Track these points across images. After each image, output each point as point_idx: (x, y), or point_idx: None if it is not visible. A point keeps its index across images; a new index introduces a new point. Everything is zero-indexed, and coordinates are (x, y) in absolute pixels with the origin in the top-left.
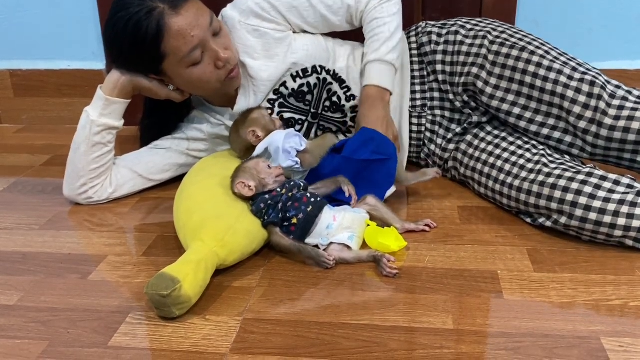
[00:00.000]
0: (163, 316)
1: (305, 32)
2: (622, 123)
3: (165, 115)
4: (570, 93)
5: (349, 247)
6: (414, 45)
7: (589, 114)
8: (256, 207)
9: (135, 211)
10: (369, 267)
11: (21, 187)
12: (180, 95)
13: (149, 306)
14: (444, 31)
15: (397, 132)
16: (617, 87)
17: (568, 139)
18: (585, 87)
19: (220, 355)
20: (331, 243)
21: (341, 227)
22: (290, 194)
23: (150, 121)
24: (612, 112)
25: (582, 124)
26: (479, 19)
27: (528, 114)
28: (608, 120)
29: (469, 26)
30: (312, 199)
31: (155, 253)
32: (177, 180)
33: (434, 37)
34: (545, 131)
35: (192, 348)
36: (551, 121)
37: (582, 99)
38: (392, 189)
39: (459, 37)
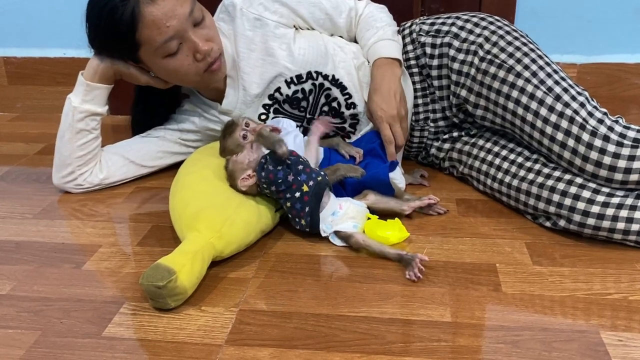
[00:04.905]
0: (158, 307)
1: (308, 29)
2: (603, 173)
3: (156, 102)
4: (549, 130)
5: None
6: (412, 55)
7: (567, 154)
8: (268, 174)
9: (130, 201)
10: (366, 259)
11: (15, 175)
12: (163, 83)
13: (144, 296)
14: (438, 41)
15: (407, 109)
16: (600, 121)
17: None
18: (564, 124)
19: (216, 346)
20: (335, 231)
21: (346, 216)
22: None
23: (140, 108)
24: (593, 155)
25: (564, 164)
26: (476, 20)
27: (515, 142)
28: (590, 167)
29: (463, 34)
30: (317, 173)
31: (150, 243)
32: (172, 170)
33: (428, 50)
34: (536, 157)
35: (187, 339)
36: (536, 154)
37: (560, 136)
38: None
39: (451, 52)
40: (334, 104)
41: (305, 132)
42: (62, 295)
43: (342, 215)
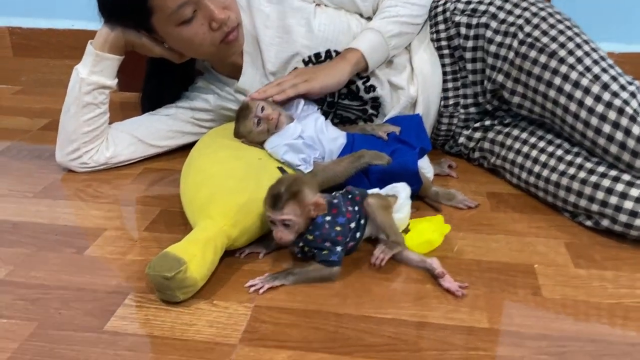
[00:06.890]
0: (165, 300)
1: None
2: None
3: (168, 78)
4: (594, 121)
5: None
6: (444, 35)
7: (614, 149)
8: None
9: (138, 182)
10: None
11: (16, 151)
12: (177, 55)
13: (150, 287)
14: (474, 21)
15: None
16: None
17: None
18: (612, 115)
19: (230, 346)
20: None
21: None
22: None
23: (152, 84)
24: None
25: (609, 159)
26: (516, 0)
27: (554, 133)
28: (639, 164)
29: (501, 14)
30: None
31: (158, 229)
32: (183, 151)
33: (463, 30)
34: (577, 149)
35: (198, 336)
36: (577, 147)
37: (606, 129)
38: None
39: (489, 33)
40: (352, 87)
41: (325, 114)
42: (61, 283)
43: None
